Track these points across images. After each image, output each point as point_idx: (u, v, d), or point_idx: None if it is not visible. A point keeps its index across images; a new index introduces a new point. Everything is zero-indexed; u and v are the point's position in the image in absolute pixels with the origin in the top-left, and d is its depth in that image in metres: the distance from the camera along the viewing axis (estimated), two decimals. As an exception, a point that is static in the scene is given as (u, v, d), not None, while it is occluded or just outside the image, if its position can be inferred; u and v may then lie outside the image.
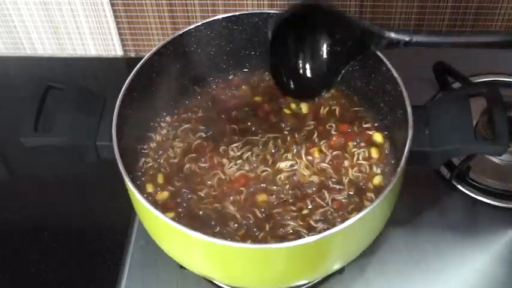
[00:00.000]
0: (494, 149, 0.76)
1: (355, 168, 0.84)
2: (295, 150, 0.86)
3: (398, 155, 0.75)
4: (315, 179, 0.83)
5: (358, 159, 0.85)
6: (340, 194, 0.81)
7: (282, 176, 0.83)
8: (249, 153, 0.85)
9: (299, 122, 0.89)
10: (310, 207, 0.80)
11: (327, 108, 0.91)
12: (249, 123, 0.89)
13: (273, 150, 0.86)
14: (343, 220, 0.69)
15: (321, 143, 0.86)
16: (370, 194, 0.81)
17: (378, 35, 0.73)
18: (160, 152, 0.87)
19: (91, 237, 0.96)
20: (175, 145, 0.87)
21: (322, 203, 0.80)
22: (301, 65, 0.81)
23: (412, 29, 0.90)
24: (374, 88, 0.87)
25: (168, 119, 0.91)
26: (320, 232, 0.68)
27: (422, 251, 0.87)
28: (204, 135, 0.88)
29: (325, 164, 0.84)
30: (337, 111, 0.90)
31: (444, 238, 0.88)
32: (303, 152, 0.85)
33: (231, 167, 0.84)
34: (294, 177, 0.83)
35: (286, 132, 0.88)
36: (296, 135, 0.87)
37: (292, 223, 0.78)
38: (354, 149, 0.86)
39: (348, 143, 0.86)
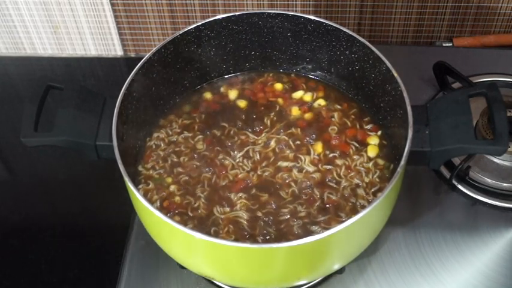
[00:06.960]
0: (494, 149, 0.76)
1: (355, 168, 0.84)
2: (295, 150, 0.86)
3: (398, 155, 0.75)
4: (315, 178, 0.82)
5: (358, 159, 0.85)
6: (340, 194, 0.81)
7: (283, 175, 0.83)
8: (250, 153, 0.85)
9: (300, 122, 0.89)
10: (310, 207, 0.80)
11: (327, 109, 0.91)
12: (249, 123, 0.89)
13: (276, 150, 0.86)
14: (343, 220, 0.69)
15: (322, 143, 0.86)
16: (369, 194, 0.81)
17: None
18: (161, 151, 0.87)
19: (91, 237, 0.96)
20: (176, 145, 0.87)
21: (321, 202, 0.80)
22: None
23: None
24: (374, 88, 0.87)
25: (168, 118, 0.91)
26: (320, 232, 0.68)
27: (422, 251, 0.87)
28: (205, 136, 0.88)
29: (325, 164, 0.84)
30: (337, 112, 0.90)
31: (444, 238, 0.88)
32: (303, 152, 0.85)
33: (233, 167, 0.84)
34: (294, 177, 0.83)
35: (286, 132, 0.88)
36: (297, 136, 0.87)
37: (293, 223, 0.78)
38: (353, 149, 0.86)
39: (348, 143, 0.86)
